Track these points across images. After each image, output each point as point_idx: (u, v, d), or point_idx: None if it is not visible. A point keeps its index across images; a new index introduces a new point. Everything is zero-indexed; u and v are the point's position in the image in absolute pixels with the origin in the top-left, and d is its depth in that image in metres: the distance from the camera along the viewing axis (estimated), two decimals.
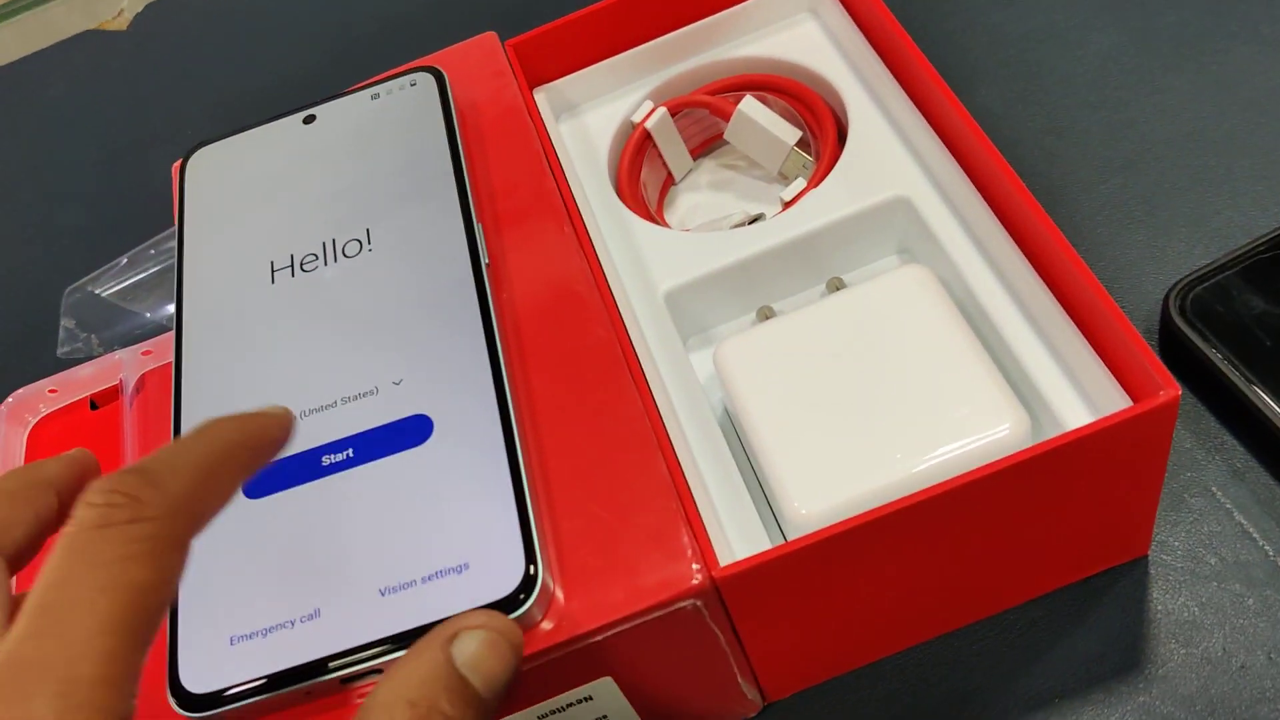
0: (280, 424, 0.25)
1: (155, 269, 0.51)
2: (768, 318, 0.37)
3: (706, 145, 0.44)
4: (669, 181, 0.43)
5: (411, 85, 0.39)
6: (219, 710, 0.26)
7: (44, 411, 0.44)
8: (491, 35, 0.41)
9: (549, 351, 0.32)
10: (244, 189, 0.37)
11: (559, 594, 0.27)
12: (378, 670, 0.26)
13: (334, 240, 0.35)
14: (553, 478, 0.29)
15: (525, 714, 0.29)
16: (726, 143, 0.42)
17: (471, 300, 0.32)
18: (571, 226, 0.35)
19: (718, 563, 0.27)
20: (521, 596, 0.26)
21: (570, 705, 0.29)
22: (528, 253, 0.35)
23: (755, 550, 0.29)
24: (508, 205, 0.36)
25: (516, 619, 0.26)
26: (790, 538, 0.31)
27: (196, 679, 0.27)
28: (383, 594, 0.27)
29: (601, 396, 0.30)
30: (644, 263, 0.37)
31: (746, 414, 0.32)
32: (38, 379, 0.48)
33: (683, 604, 0.27)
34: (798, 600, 0.29)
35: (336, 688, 0.27)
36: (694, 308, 0.37)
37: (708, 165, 0.44)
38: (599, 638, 0.27)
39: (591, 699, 0.29)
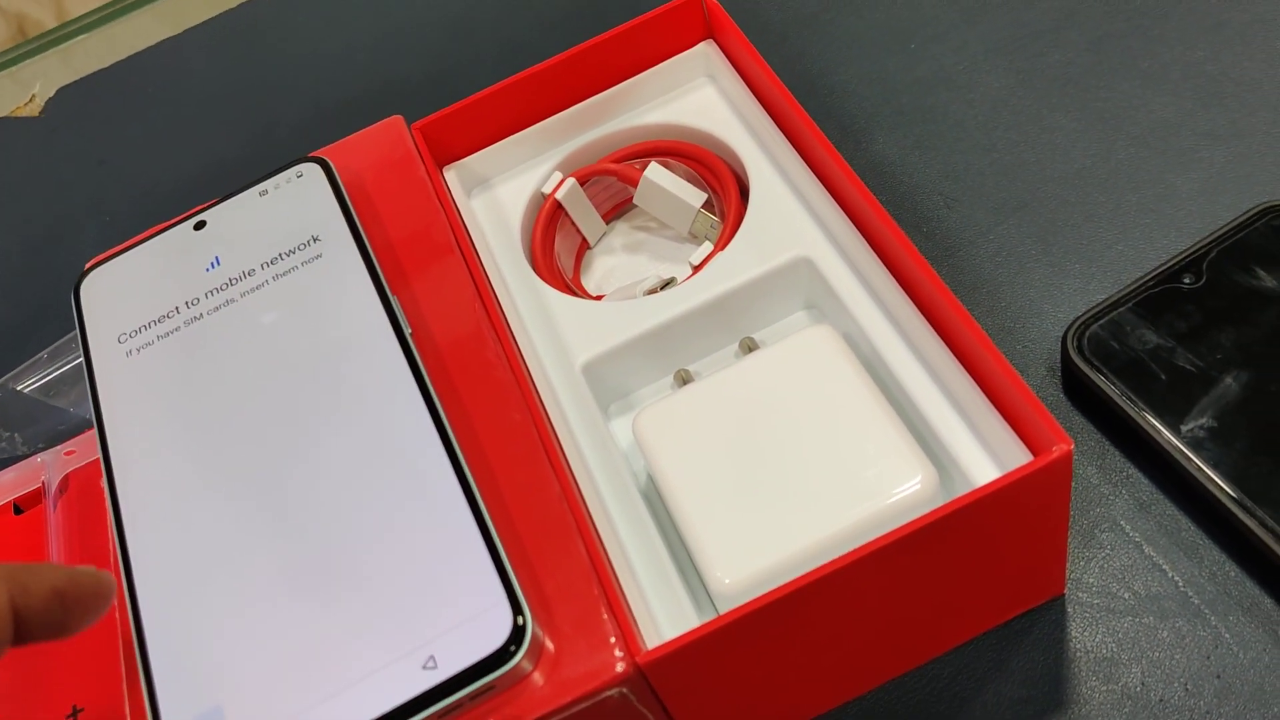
0: (72, 576, 0.23)
1: (78, 361, 0.50)
2: (685, 381, 0.37)
3: (618, 209, 0.44)
4: (584, 246, 0.44)
5: (299, 177, 0.39)
6: None
7: None
8: (398, 119, 0.42)
9: (465, 436, 0.32)
10: (144, 308, 0.37)
11: (549, 644, 0.28)
12: None
13: (250, 342, 0.35)
14: None
15: None
16: (632, 207, 0.43)
17: (405, 373, 0.32)
18: (483, 306, 0.36)
19: (641, 648, 0.28)
20: (512, 649, 0.27)
21: None
22: (440, 333, 0.35)
23: (682, 625, 0.30)
24: (416, 286, 0.37)
25: (508, 673, 0.27)
26: (718, 606, 0.31)
27: None
28: (379, 666, 0.27)
29: (520, 481, 0.31)
30: (560, 335, 0.38)
31: (667, 483, 0.33)
32: None
33: (609, 693, 0.28)
34: (725, 672, 0.30)
35: None
36: (612, 376, 0.38)
37: (621, 228, 0.44)
38: None
39: None
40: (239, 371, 0.34)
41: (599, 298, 0.41)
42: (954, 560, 0.30)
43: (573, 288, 0.41)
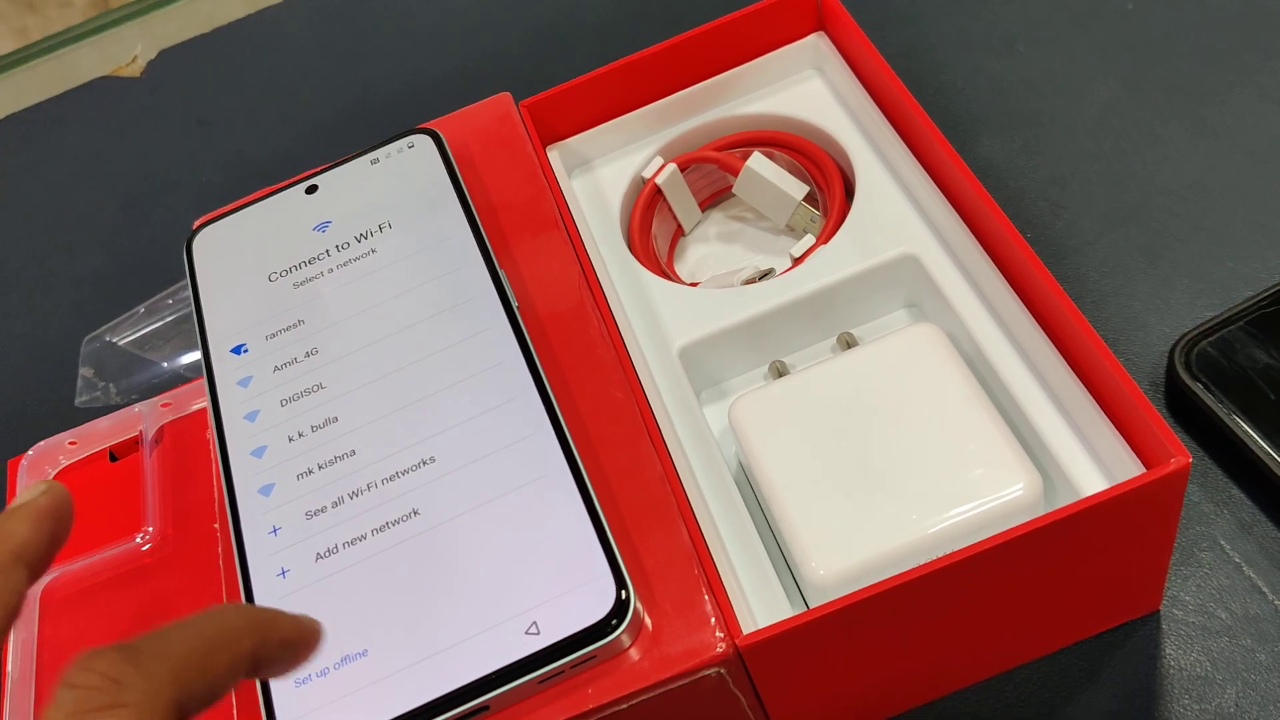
0: (299, 627, 0.23)
1: (172, 318, 0.51)
2: (780, 373, 0.37)
3: (715, 198, 0.44)
4: (679, 233, 0.44)
5: (410, 147, 0.39)
6: None
7: (64, 463, 0.45)
8: (506, 96, 0.42)
9: (568, 409, 0.32)
10: (257, 265, 0.38)
11: (648, 621, 0.28)
12: (484, 707, 0.27)
13: (361, 306, 0.35)
14: None
15: None
16: (730, 195, 0.43)
17: (513, 344, 0.32)
18: (588, 286, 0.36)
19: (740, 630, 0.28)
20: (614, 622, 0.27)
21: None
22: (543, 307, 0.35)
23: (772, 612, 0.30)
24: (521, 261, 0.37)
25: (608, 644, 0.27)
26: (809, 597, 0.31)
27: None
28: (482, 629, 0.28)
29: (623, 461, 0.31)
30: (658, 318, 0.38)
31: (763, 473, 0.33)
32: (57, 428, 0.48)
33: (707, 672, 0.28)
34: (818, 663, 0.30)
35: None
36: (707, 362, 0.37)
37: (716, 217, 0.44)
38: (624, 705, 0.28)
39: None
40: (348, 334, 0.35)
41: (694, 284, 0.41)
42: (1053, 569, 0.30)
43: (668, 272, 0.41)
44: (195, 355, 0.50)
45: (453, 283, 0.35)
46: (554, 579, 0.28)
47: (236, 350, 0.36)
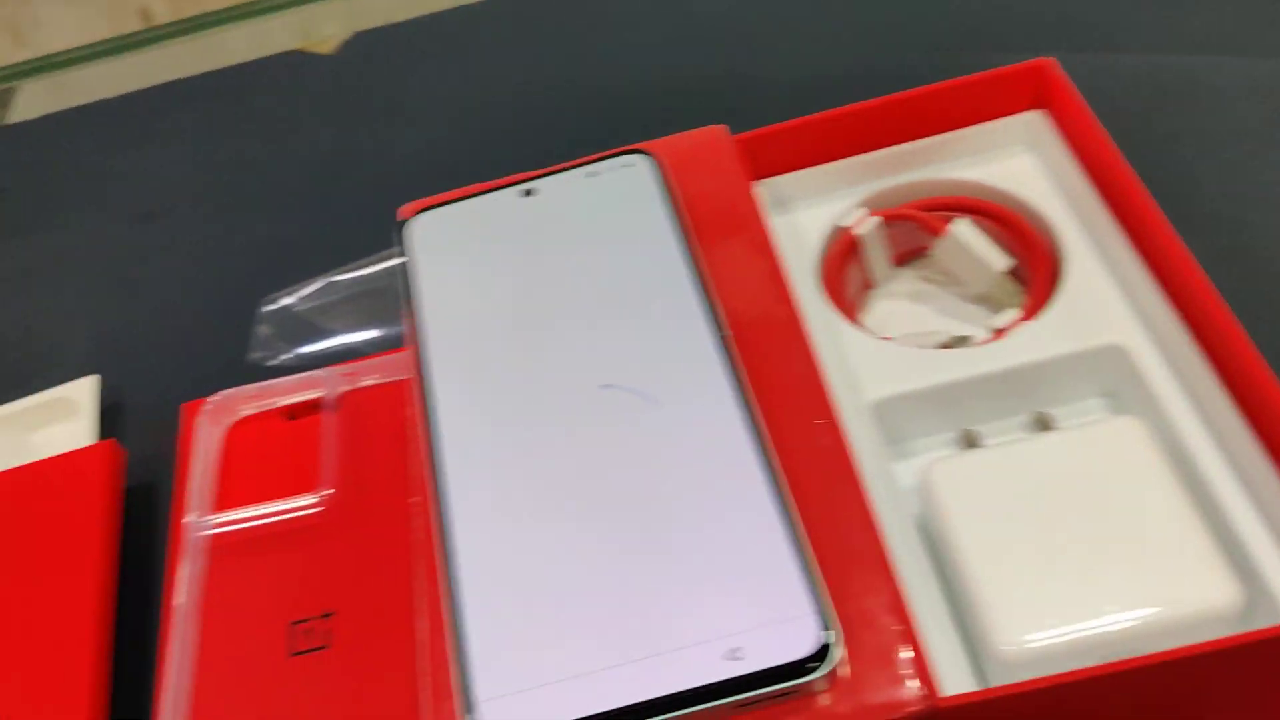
0: None
1: (349, 294, 0.53)
2: (971, 442, 0.38)
3: (907, 256, 0.45)
4: (867, 286, 0.44)
5: (627, 166, 0.41)
6: None
7: (242, 414, 0.47)
8: (722, 128, 0.43)
9: (776, 445, 0.33)
10: (474, 259, 0.39)
11: (844, 667, 0.28)
12: None
13: (573, 314, 0.36)
14: None
15: None
16: (926, 255, 0.44)
17: (723, 373, 0.33)
18: (796, 325, 0.36)
19: (937, 691, 0.29)
20: (816, 661, 0.27)
21: None
22: (752, 347, 0.36)
23: (953, 676, 0.30)
24: (728, 291, 0.37)
25: (807, 683, 0.27)
26: (989, 669, 0.32)
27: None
28: (683, 646, 0.28)
29: (827, 503, 0.32)
30: (852, 367, 0.38)
31: (955, 539, 0.33)
32: (227, 380, 0.50)
33: None
34: None
35: None
36: (895, 419, 0.38)
37: (906, 275, 0.45)
38: None
39: None
40: (557, 341, 0.36)
41: (886, 339, 0.41)
42: (1247, 688, 0.30)
43: (859, 323, 0.42)
44: (369, 332, 0.51)
45: (664, 306, 0.36)
46: (759, 609, 0.29)
47: (449, 337, 0.37)
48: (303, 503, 0.43)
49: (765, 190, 0.44)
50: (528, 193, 0.40)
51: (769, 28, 0.60)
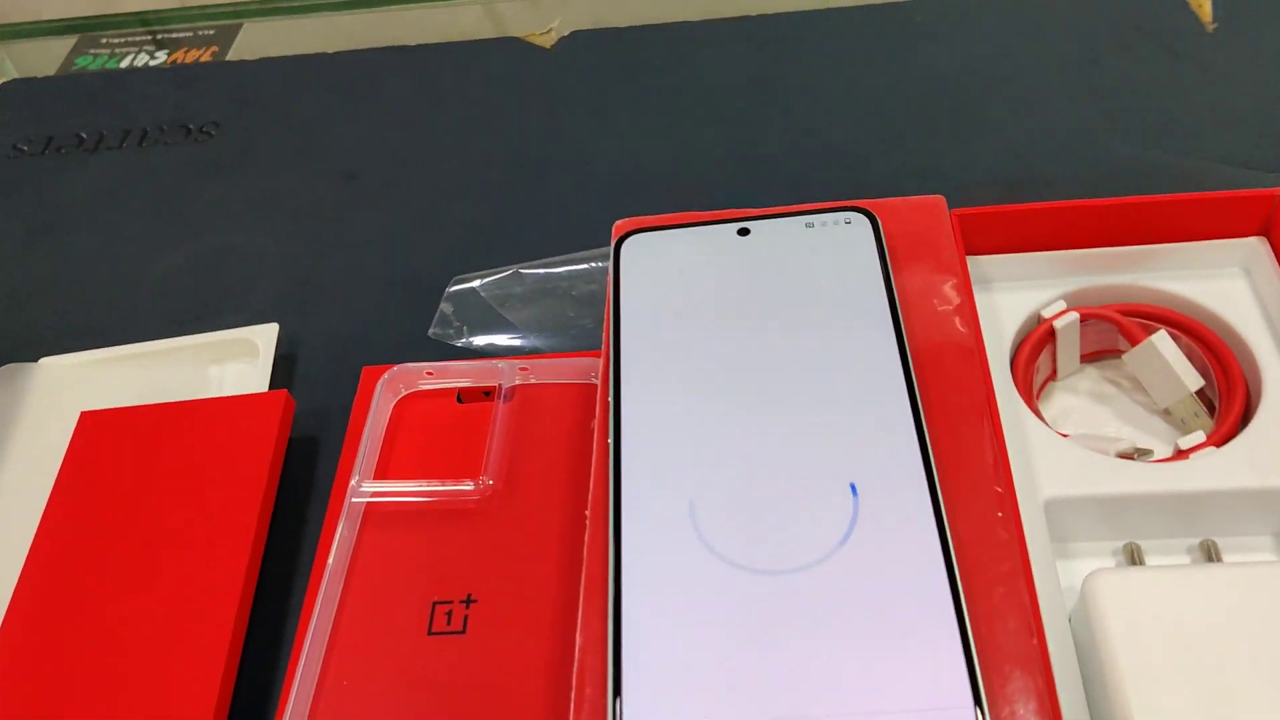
0: None
1: (534, 289, 0.54)
2: (1133, 556, 0.37)
3: (1095, 355, 0.45)
4: (1050, 378, 0.44)
5: (846, 223, 0.41)
6: None
7: (417, 388, 0.48)
8: (940, 199, 0.43)
9: (956, 542, 0.33)
10: (681, 288, 0.40)
11: None
12: None
13: (771, 358, 0.37)
14: None
15: None
16: (1113, 358, 0.44)
17: (916, 453, 0.33)
18: (992, 416, 0.36)
19: None
20: None
21: None
22: (944, 424, 0.36)
23: None
24: (927, 366, 0.38)
25: None
26: None
27: None
28: (831, 714, 0.29)
29: (998, 599, 0.32)
30: (1028, 459, 0.38)
31: (1113, 654, 0.33)
32: (406, 350, 0.51)
33: None
34: None
35: None
36: (1063, 519, 0.38)
37: (1090, 373, 0.45)
38: None
39: None
40: (752, 382, 0.36)
41: (1063, 435, 0.41)
42: None
43: (1039, 413, 0.42)
44: (546, 330, 0.53)
45: (865, 369, 0.36)
46: (920, 691, 0.29)
47: (645, 357, 0.37)
48: (463, 488, 0.44)
49: (971, 267, 0.44)
50: (743, 231, 0.41)
51: (990, 99, 0.60)
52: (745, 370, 0.37)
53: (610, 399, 0.37)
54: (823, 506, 0.33)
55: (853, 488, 0.33)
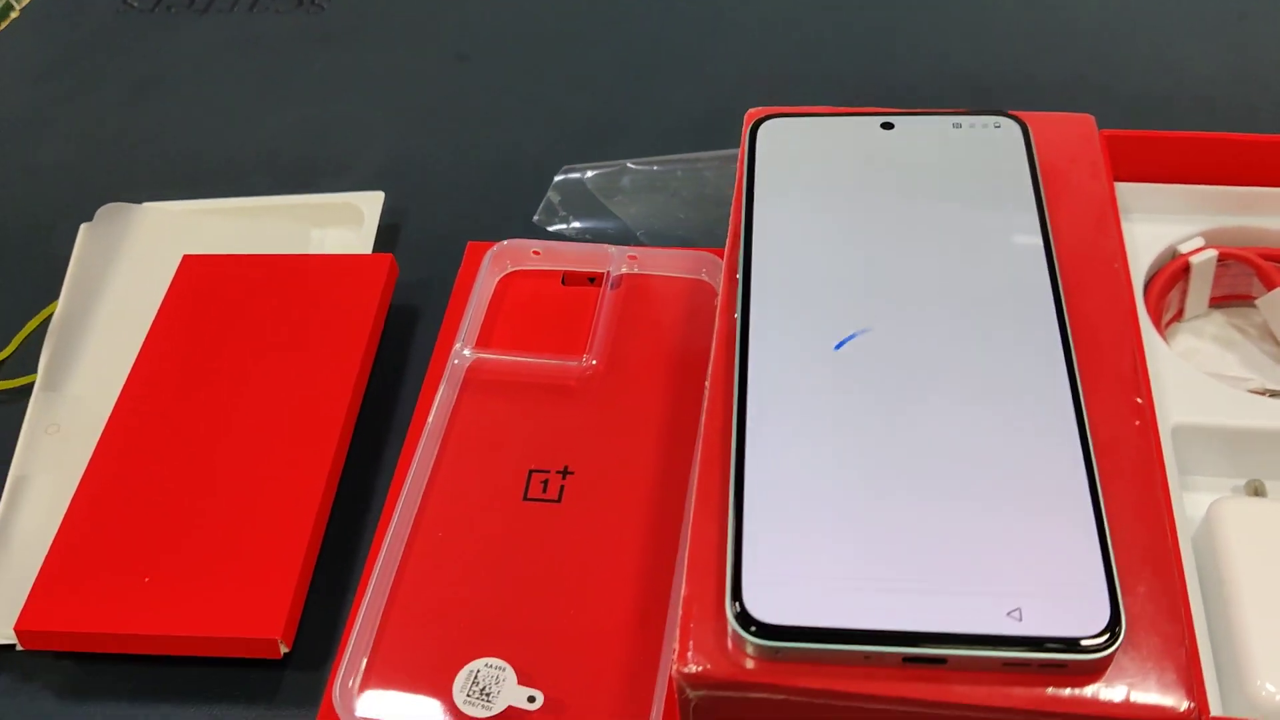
0: None
1: (639, 184, 0.53)
2: (1257, 492, 0.36)
3: (1224, 300, 0.43)
4: (1176, 317, 0.43)
5: (995, 127, 0.40)
6: (776, 643, 0.28)
7: (522, 267, 0.48)
8: (1089, 117, 0.42)
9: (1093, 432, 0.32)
10: (819, 177, 0.38)
11: (1122, 657, 0.28)
12: (942, 660, 0.28)
13: (911, 253, 0.36)
14: None
15: None
16: (1244, 304, 0.42)
17: (1058, 350, 0.32)
18: (1130, 327, 0.35)
19: (1209, 709, 0.28)
20: (1099, 642, 0.27)
21: None
22: (1081, 337, 0.35)
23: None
24: (1072, 281, 0.36)
25: (1081, 663, 0.27)
26: (1240, 710, 0.31)
27: (765, 607, 0.28)
28: (966, 591, 0.28)
29: (1131, 500, 0.31)
30: (1161, 387, 0.37)
31: (1234, 577, 0.32)
32: (500, 230, 0.51)
33: None
34: None
35: (896, 663, 0.28)
36: (1189, 449, 0.37)
37: (1216, 318, 0.43)
38: None
39: None
40: (889, 275, 0.35)
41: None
42: None
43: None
44: (649, 224, 0.52)
45: (1007, 272, 0.35)
46: (1049, 578, 0.28)
47: (777, 245, 0.36)
48: (564, 363, 0.43)
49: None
50: (887, 125, 0.40)
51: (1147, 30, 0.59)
52: (884, 264, 0.36)
53: (740, 278, 0.36)
54: (963, 393, 0.32)
55: (993, 379, 0.32)
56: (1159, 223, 0.43)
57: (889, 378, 0.33)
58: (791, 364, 0.33)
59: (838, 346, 0.33)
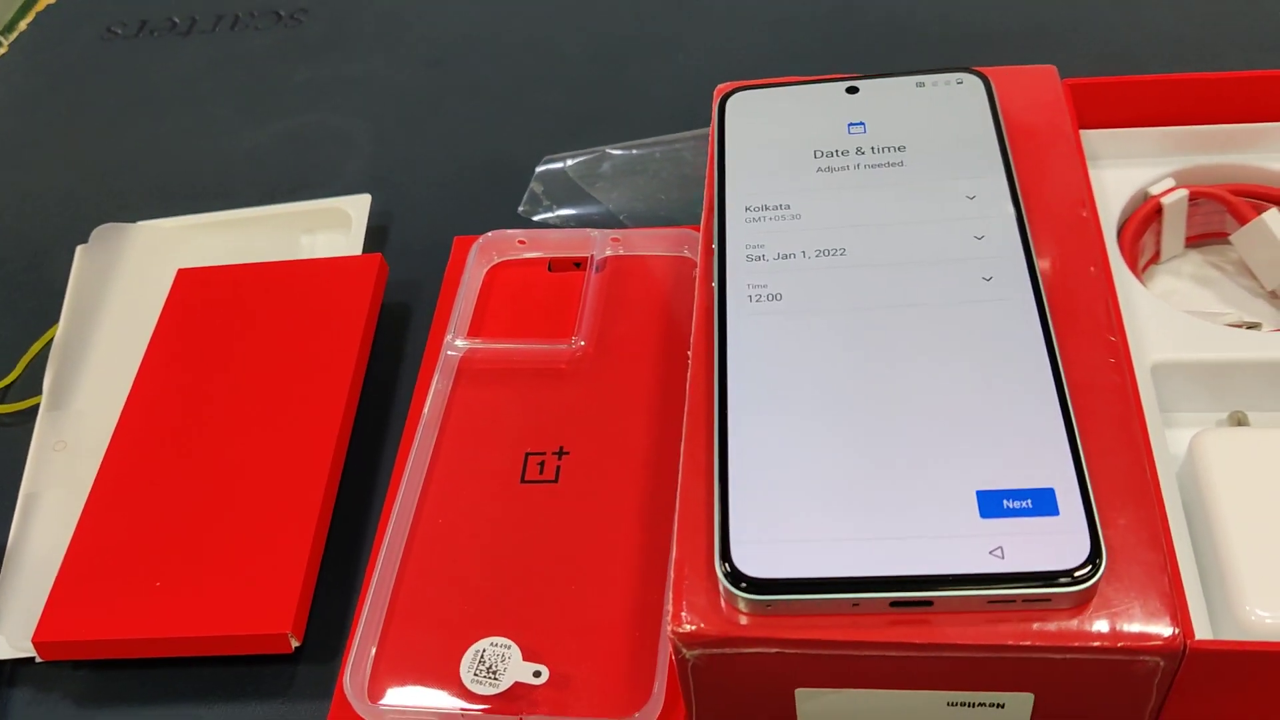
0: None
1: (619, 168, 0.54)
2: (1239, 423, 0.37)
3: (1200, 239, 0.44)
4: (1153, 260, 0.43)
5: (958, 83, 0.40)
6: (766, 597, 0.29)
7: (508, 257, 0.48)
8: (1051, 68, 0.42)
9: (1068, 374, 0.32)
10: (788, 144, 0.39)
11: (1104, 587, 0.28)
12: (928, 603, 0.28)
13: (885, 213, 0.36)
14: None
15: (937, 695, 0.31)
16: (1218, 242, 0.43)
17: (1032, 308, 0.33)
18: (1100, 270, 0.36)
19: (1194, 633, 0.28)
20: (1081, 574, 0.27)
21: (979, 705, 0.31)
22: (1053, 282, 0.35)
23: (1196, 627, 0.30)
24: (1040, 226, 0.37)
25: (1066, 594, 0.28)
26: (1228, 633, 0.31)
27: (754, 562, 0.29)
28: (948, 534, 0.29)
29: (1107, 435, 0.31)
30: (1137, 327, 0.38)
31: (1217, 504, 0.33)
32: (486, 225, 0.51)
33: (1148, 657, 0.28)
34: (1230, 693, 0.30)
35: (884, 608, 0.28)
36: (1170, 386, 0.37)
37: (1193, 257, 0.44)
38: (1056, 656, 0.28)
39: (1002, 708, 0.30)
40: (864, 237, 0.36)
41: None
42: None
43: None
44: (630, 206, 0.53)
45: (978, 223, 0.36)
46: (1031, 514, 0.29)
47: (751, 212, 0.37)
48: (554, 347, 0.44)
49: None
50: (852, 90, 0.40)
51: None
52: (855, 224, 0.36)
53: (715, 248, 0.36)
54: (938, 346, 0.33)
55: (967, 330, 0.33)
56: (1129, 167, 0.43)
57: (863, 333, 0.33)
58: (769, 327, 0.34)
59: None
